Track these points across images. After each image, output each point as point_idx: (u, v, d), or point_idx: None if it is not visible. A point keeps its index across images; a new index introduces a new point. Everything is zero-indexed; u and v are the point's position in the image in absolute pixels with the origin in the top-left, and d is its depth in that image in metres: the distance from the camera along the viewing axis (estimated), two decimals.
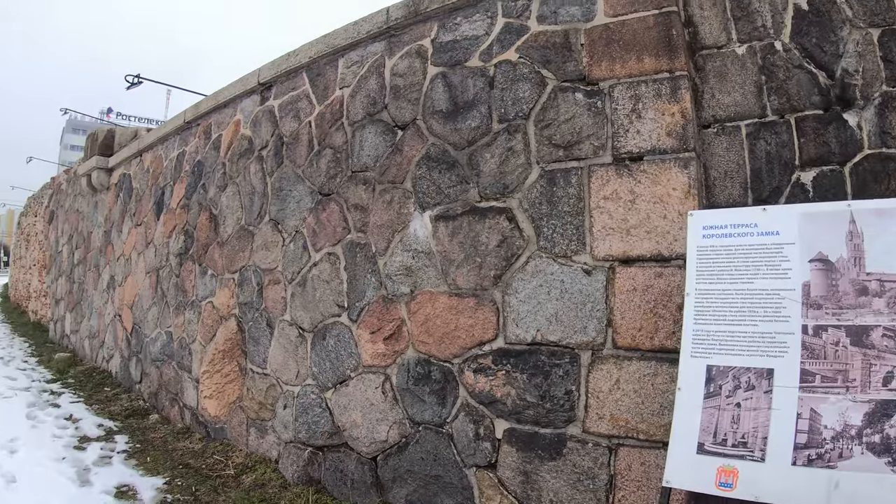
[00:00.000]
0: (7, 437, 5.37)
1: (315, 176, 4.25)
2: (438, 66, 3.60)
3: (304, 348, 4.15)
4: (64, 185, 12.89)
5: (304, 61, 4.56)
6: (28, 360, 10.37)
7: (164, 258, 6.32)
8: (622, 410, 2.72)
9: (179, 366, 5.74)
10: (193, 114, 6.16)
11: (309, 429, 4.05)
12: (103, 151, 9.32)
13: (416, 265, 3.49)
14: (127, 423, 6.02)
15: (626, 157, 2.88)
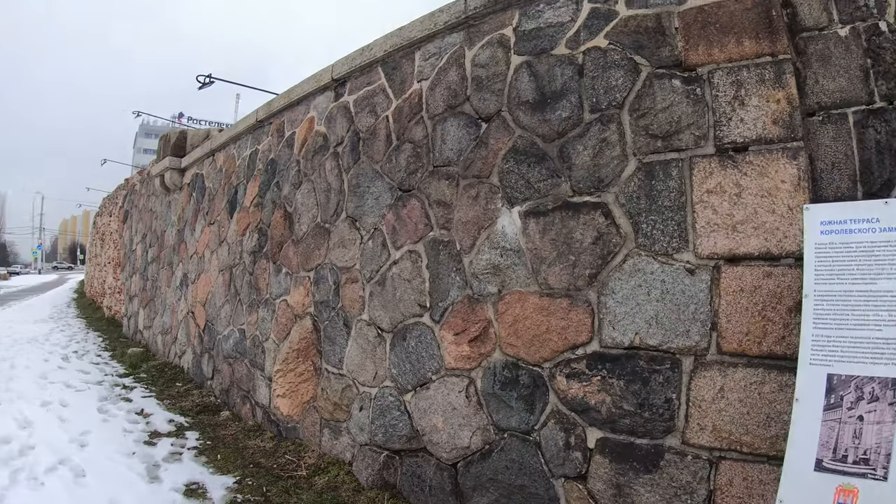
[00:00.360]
0: (78, 431, 5.51)
1: (394, 172, 4.19)
2: (522, 56, 3.48)
3: (383, 349, 4.10)
4: (138, 186, 13.32)
5: (378, 55, 4.52)
6: (101, 355, 10.75)
7: (238, 256, 6.40)
8: (725, 421, 2.54)
9: (252, 363, 5.79)
10: (266, 112, 6.22)
11: (386, 432, 4.00)
12: (176, 152, 9.61)
13: (505, 264, 3.37)
14: (198, 420, 6.14)
15: (730, 147, 2.70)
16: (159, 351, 9.89)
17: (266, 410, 5.44)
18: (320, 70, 5.27)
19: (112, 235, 17.05)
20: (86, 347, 11.54)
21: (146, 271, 11.48)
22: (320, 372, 4.72)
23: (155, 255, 10.89)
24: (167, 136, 10.04)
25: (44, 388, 7.39)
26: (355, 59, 4.76)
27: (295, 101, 5.65)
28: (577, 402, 2.96)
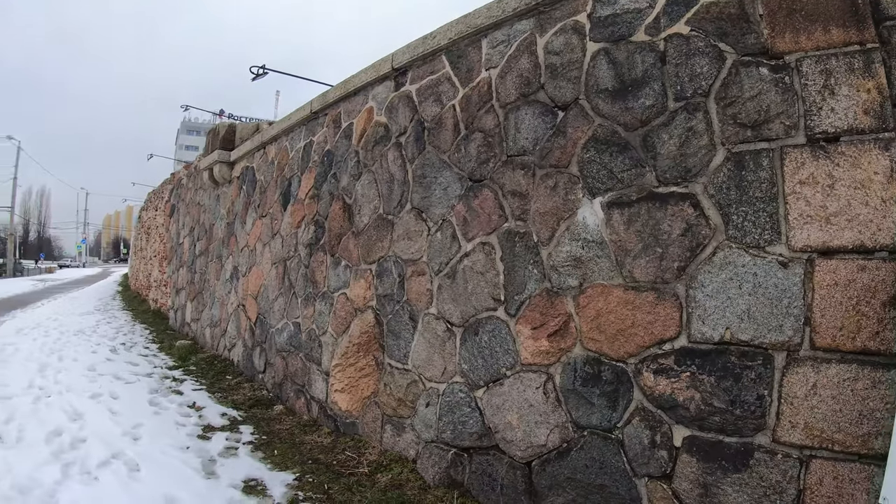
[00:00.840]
0: (130, 424, 5.62)
1: (464, 161, 4.21)
2: (599, 42, 3.45)
3: (453, 344, 4.12)
4: (184, 180, 13.60)
5: (442, 44, 4.54)
6: (149, 347, 11.02)
7: (293, 249, 6.49)
8: (817, 419, 2.50)
9: (307, 357, 5.87)
10: (321, 104, 6.29)
11: (455, 429, 4.02)
12: (225, 146, 9.79)
13: (587, 256, 3.35)
14: (251, 413, 6.23)
15: (821, 137, 2.65)
16: (207, 343, 10.09)
17: (322, 405, 5.51)
18: (378, 60, 5.31)
19: (158, 229, 17.46)
20: (133, 339, 11.83)
21: (194, 264, 11.72)
22: (382, 367, 4.76)
23: (203, 248, 11.10)
24: (216, 129, 10.22)
25: (93, 381, 7.55)
26: (417, 47, 4.78)
27: (352, 92, 5.70)
28: (664, 398, 2.93)
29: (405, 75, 5.00)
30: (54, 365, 8.65)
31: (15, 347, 10.25)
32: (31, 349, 10.13)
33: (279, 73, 14.38)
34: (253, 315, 7.67)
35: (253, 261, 7.89)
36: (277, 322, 6.77)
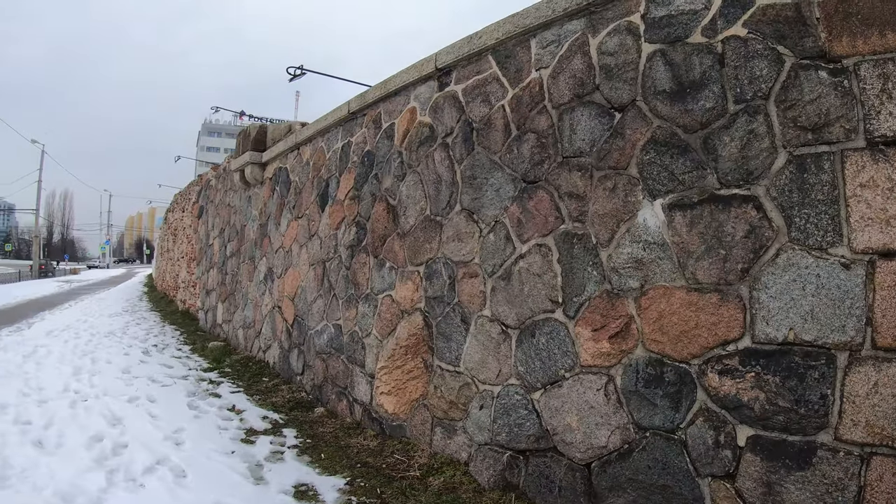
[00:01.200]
0: (171, 428, 5.70)
1: (517, 163, 4.31)
2: (654, 44, 3.53)
3: (508, 346, 4.22)
4: (213, 182, 13.82)
5: (489, 43, 4.63)
6: (182, 348, 11.23)
7: (332, 250, 6.63)
8: (878, 416, 2.58)
9: (350, 360, 6.00)
10: (359, 104, 6.42)
11: (510, 431, 4.12)
12: (256, 147, 9.97)
13: (648, 257, 3.43)
14: (292, 416, 6.35)
15: (881, 141, 2.72)
16: (240, 345, 10.27)
17: (366, 408, 5.64)
18: (421, 60, 5.42)
19: (185, 231, 17.74)
20: (165, 341, 12.04)
21: (224, 266, 11.93)
22: (431, 369, 4.87)
23: (234, 249, 11.30)
24: (246, 131, 10.40)
25: (129, 384, 7.71)
26: (462, 47, 4.88)
27: (392, 92, 5.82)
28: (728, 399, 3.02)
29: (449, 75, 5.10)
30: (88, 368, 8.82)
31: (47, 350, 10.46)
32: (62, 351, 10.35)
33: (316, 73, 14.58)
34: (290, 317, 7.83)
35: (289, 262, 8.05)
36: (316, 324, 6.91)
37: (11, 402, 6.61)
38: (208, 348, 10.68)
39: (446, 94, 5.09)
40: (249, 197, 10.60)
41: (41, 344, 11.17)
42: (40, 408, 6.36)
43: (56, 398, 6.83)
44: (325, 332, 6.67)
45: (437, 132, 5.13)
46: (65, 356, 9.83)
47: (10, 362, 9.19)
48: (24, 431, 5.49)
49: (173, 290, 20.18)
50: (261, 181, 9.98)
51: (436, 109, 5.18)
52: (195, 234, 15.69)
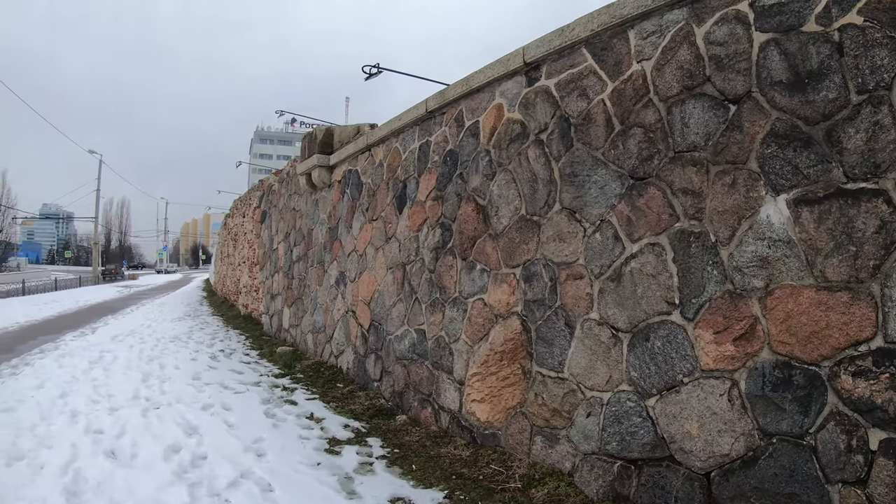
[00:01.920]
0: (251, 438, 5.60)
1: (622, 158, 4.05)
2: (766, 33, 3.28)
3: (619, 350, 3.97)
4: (276, 186, 13.85)
5: (582, 36, 4.40)
6: (249, 353, 11.24)
7: (413, 253, 6.45)
8: None
9: (435, 366, 5.82)
10: (438, 102, 6.24)
11: (622, 440, 3.87)
12: (323, 150, 9.91)
13: (773, 255, 3.17)
14: (373, 424, 6.18)
15: None
16: (309, 350, 10.21)
17: (455, 416, 5.44)
18: (506, 55, 5.20)
19: (246, 235, 17.91)
20: (231, 346, 12.12)
21: (291, 270, 11.90)
22: (530, 376, 4.63)
23: (301, 253, 11.26)
24: (312, 134, 10.34)
25: (200, 390, 7.70)
26: (552, 40, 4.65)
27: (475, 89, 5.61)
28: (861, 401, 2.79)
29: (538, 70, 4.87)
30: (157, 373, 8.89)
31: (113, 355, 10.65)
32: (129, 357, 10.50)
33: (392, 71, 14.60)
34: (365, 321, 7.68)
35: (363, 266, 7.90)
36: (396, 329, 6.74)
37: (81, 409, 6.65)
38: (277, 353, 10.67)
39: (537, 88, 4.84)
40: (316, 200, 10.53)
41: (107, 349, 11.40)
42: (112, 416, 6.36)
43: (127, 406, 6.84)
44: (407, 337, 6.49)
45: (529, 129, 4.89)
46: (132, 362, 9.97)
47: (77, 368, 9.33)
48: (96, 441, 5.47)
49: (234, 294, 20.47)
50: (328, 184, 9.89)
51: (526, 105, 4.94)
52: (258, 239, 15.78)
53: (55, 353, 10.87)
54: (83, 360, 10.12)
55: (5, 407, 6.82)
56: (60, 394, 7.41)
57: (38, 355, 10.86)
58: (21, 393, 7.53)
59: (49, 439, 5.53)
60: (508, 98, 5.18)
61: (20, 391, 7.64)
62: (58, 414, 6.46)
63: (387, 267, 7.13)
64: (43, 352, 11.31)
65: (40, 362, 9.94)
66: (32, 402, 6.97)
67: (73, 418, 6.27)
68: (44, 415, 6.42)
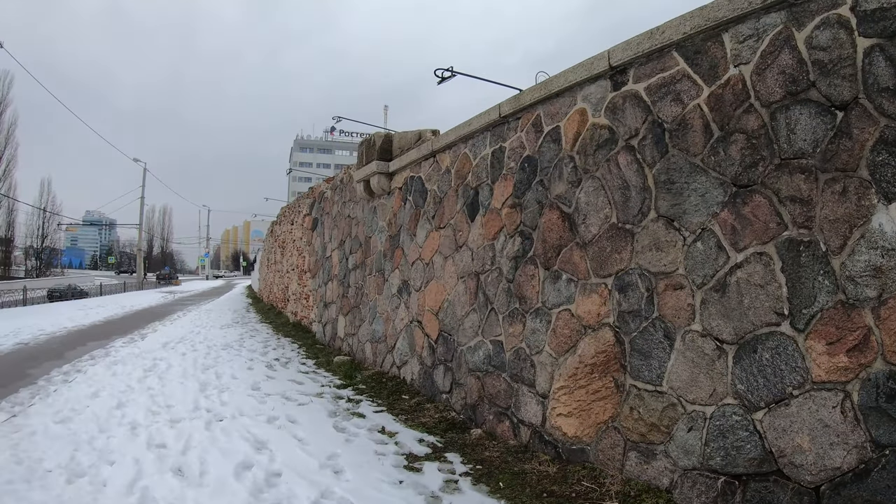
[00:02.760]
0: (324, 454, 5.59)
1: (724, 165, 4.03)
2: (871, 38, 3.27)
3: (723, 363, 3.94)
4: (328, 194, 14.03)
5: (673, 39, 4.40)
6: (305, 363, 11.36)
7: (488, 262, 6.47)
8: None
9: (514, 378, 5.83)
10: (512, 107, 6.27)
11: (726, 454, 3.84)
12: (382, 156, 10.01)
13: (887, 265, 3.15)
14: (448, 438, 6.17)
15: None
16: (368, 360, 10.30)
17: (536, 430, 5.44)
18: (589, 58, 5.21)
19: (295, 243, 18.17)
20: (285, 354, 12.27)
21: (346, 278, 12.03)
22: (625, 389, 4.62)
23: (358, 261, 11.38)
24: (370, 140, 10.45)
25: (262, 402, 7.76)
26: (640, 43, 4.66)
27: (554, 94, 5.63)
28: None
29: (625, 73, 4.87)
30: (214, 383, 9.01)
31: (167, 363, 10.90)
32: (183, 365, 10.72)
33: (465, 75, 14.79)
34: (433, 332, 7.72)
35: (430, 275, 7.95)
36: (469, 340, 6.76)
37: (141, 421, 6.72)
38: (334, 363, 10.77)
39: (625, 93, 4.84)
40: (374, 208, 10.63)
41: (160, 357, 11.67)
42: (173, 429, 6.41)
43: (188, 417, 6.91)
44: (481, 348, 6.51)
45: (617, 134, 4.88)
46: (187, 370, 10.15)
47: (131, 377, 9.52)
48: (160, 457, 5.47)
49: (281, 301, 20.83)
50: (388, 191, 9.99)
51: (614, 110, 4.94)
52: (308, 247, 16.00)
53: (107, 360, 11.18)
54: (136, 367, 10.37)
55: (61, 417, 6.92)
56: (117, 404, 7.53)
57: (88, 362, 11.18)
58: (76, 402, 7.65)
59: (110, 454, 5.55)
60: (592, 102, 5.19)
61: (75, 400, 7.77)
62: (116, 426, 6.53)
63: (457, 276, 7.17)
64: (94, 358, 11.62)
65: (92, 369, 10.22)
66: (89, 413, 7.08)
67: (132, 430, 6.34)
68: (102, 426, 6.49)
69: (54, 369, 10.32)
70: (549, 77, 5.72)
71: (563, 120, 5.52)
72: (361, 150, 10.79)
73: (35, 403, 7.62)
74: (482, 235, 6.67)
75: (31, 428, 6.43)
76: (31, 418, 6.86)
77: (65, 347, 13.31)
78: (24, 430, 6.36)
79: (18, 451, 5.60)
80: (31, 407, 7.43)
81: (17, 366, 10.81)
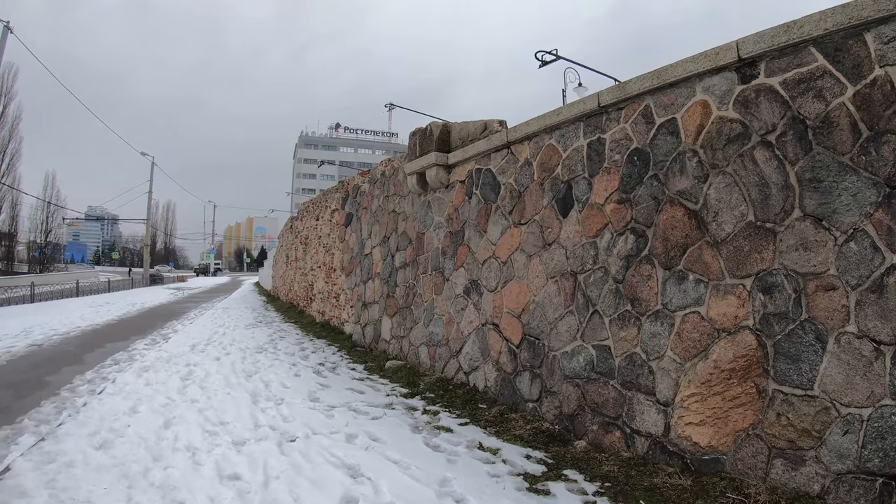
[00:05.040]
0: (433, 479, 5.49)
1: (876, 165, 4.28)
2: None
3: (881, 364, 4.19)
4: (365, 187, 14.30)
5: (812, 34, 4.63)
6: (354, 368, 11.51)
7: (589, 261, 6.69)
8: None
9: (626, 385, 6.04)
10: (615, 96, 6.47)
11: (885, 456, 4.09)
12: (440, 147, 10.18)
13: None
14: (553, 453, 6.24)
15: None
16: (423, 364, 10.55)
17: (657, 440, 5.65)
18: (712, 48, 5.40)
19: (321, 239, 18.48)
20: (328, 358, 12.47)
21: (392, 277, 12.28)
22: (768, 395, 4.83)
23: (407, 259, 11.63)
24: (426, 130, 10.64)
25: (329, 416, 7.72)
26: (775, 37, 4.87)
27: (668, 83, 5.83)
28: None
29: (755, 66, 5.09)
30: (264, 393, 9.03)
31: (203, 370, 10.94)
32: (222, 372, 10.79)
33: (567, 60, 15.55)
34: (515, 336, 7.94)
35: (508, 274, 8.17)
36: (565, 345, 6.98)
37: (199, 444, 6.40)
38: (386, 368, 11.02)
39: (758, 86, 5.06)
40: (428, 202, 10.86)
41: (192, 362, 11.75)
42: (241, 454, 6.11)
43: (252, 438, 6.68)
44: (581, 353, 6.72)
45: (751, 129, 5.10)
46: (228, 378, 10.19)
47: (169, 387, 9.42)
48: (240, 494, 5.12)
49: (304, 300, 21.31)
50: (446, 184, 10.21)
51: (745, 104, 5.15)
52: (341, 243, 16.27)
53: (135, 367, 11.16)
54: (171, 375, 10.37)
55: (100, 441, 6.47)
56: (163, 422, 7.24)
57: (113, 368, 11.21)
58: (113, 420, 7.31)
59: (174, 491, 5.13)
60: (716, 95, 5.39)
61: (111, 417, 7.44)
62: (170, 451, 6.15)
63: (547, 276, 7.38)
64: (118, 363, 11.70)
65: (121, 377, 10.10)
66: (132, 435, 6.70)
67: (193, 458, 5.97)
68: (154, 452, 6.10)
69: (76, 377, 10.31)
70: (663, 66, 5.90)
71: (679, 111, 5.74)
72: (415, 140, 10.99)
73: (64, 422, 7.23)
74: (579, 233, 6.88)
75: (66, 456, 5.95)
76: (64, 442, 6.40)
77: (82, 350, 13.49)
78: (59, 459, 5.88)
79: (58, 491, 5.10)
80: (60, 427, 7.03)
81: (33, 372, 10.84)
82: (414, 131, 11.19)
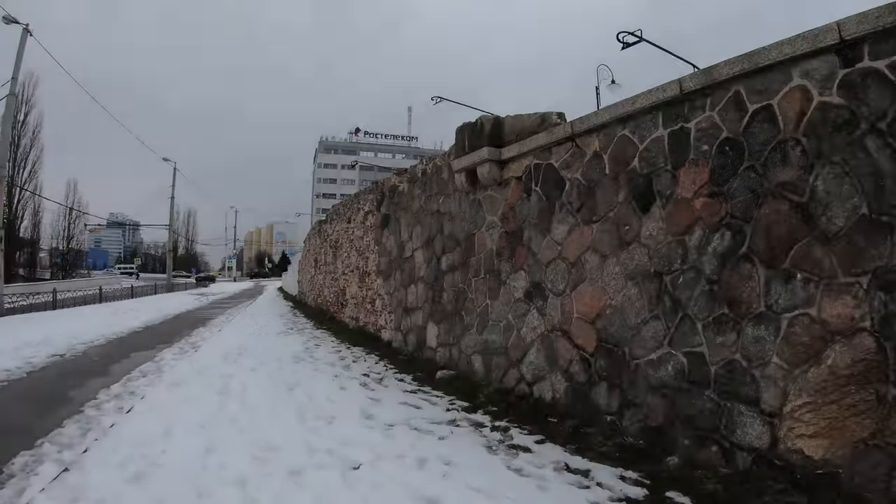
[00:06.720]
0: None
1: None
2: None
3: None
4: (403, 187, 14.42)
5: None
6: (403, 379, 11.53)
7: (677, 260, 6.72)
8: None
9: (724, 395, 6.04)
10: (700, 82, 6.46)
11: None
12: (493, 142, 10.24)
13: None
14: (647, 472, 6.15)
15: None
16: (477, 374, 10.62)
17: (762, 455, 5.63)
18: (810, 30, 5.40)
19: (354, 242, 18.69)
20: (372, 369, 12.53)
21: (438, 281, 12.37)
22: (885, 401, 4.82)
23: (456, 262, 11.70)
24: (476, 124, 10.70)
25: (389, 436, 7.55)
26: (880, 17, 4.87)
27: (761, 68, 5.83)
28: None
29: (857, 49, 5.09)
30: (311, 409, 8.88)
31: (240, 383, 10.90)
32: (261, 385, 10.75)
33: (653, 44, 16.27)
34: (588, 343, 7.97)
35: (578, 276, 8.20)
36: (649, 352, 6.99)
37: (248, 473, 6.07)
38: (438, 379, 11.07)
39: (864, 70, 5.06)
40: (478, 201, 10.93)
41: (226, 374, 11.72)
42: (300, 486, 5.79)
43: (309, 465, 6.37)
44: (669, 362, 6.71)
45: (859, 115, 5.09)
46: (268, 392, 10.13)
47: (205, 403, 9.24)
48: None
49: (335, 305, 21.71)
50: (499, 181, 10.25)
51: (850, 88, 5.15)
52: (377, 246, 16.41)
53: (165, 380, 11.20)
54: (206, 390, 10.27)
55: (134, 472, 6.04)
56: (204, 447, 6.83)
57: (141, 380, 11.29)
58: (146, 444, 6.92)
59: None
60: (817, 80, 5.39)
61: (143, 441, 7.05)
62: (217, 483, 5.77)
63: (626, 277, 7.39)
64: (146, 375, 11.82)
65: (151, 393, 10.06)
66: (170, 463, 6.32)
67: (243, 490, 5.60)
68: (198, 486, 5.68)
69: (101, 391, 10.31)
70: (756, 49, 5.89)
71: (775, 98, 5.73)
72: (463, 135, 11.05)
73: (91, 447, 6.93)
74: (663, 230, 6.89)
75: (94, 491, 5.54)
76: (92, 473, 6.01)
77: (107, 360, 13.67)
78: (87, 496, 5.45)
79: None
80: (85, 454, 6.70)
81: (54, 386, 10.91)
82: (461, 126, 11.24)
